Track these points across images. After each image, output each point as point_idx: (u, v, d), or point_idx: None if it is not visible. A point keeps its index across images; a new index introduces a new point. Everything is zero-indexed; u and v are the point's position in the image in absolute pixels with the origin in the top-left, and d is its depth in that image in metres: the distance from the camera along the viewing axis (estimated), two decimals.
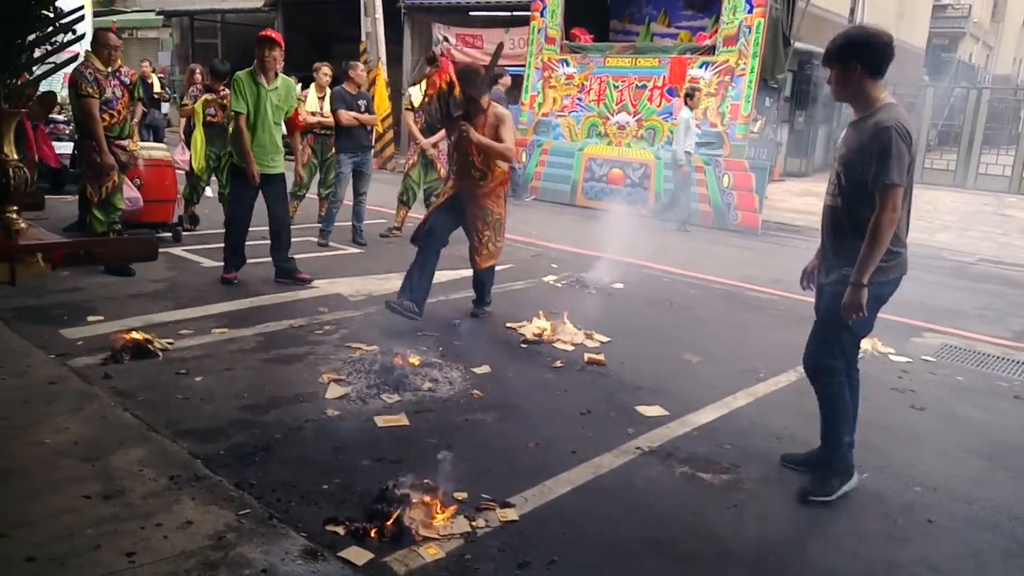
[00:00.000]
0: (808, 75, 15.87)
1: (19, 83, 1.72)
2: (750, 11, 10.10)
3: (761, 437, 3.55)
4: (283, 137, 5.77)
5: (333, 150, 7.36)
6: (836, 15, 16.31)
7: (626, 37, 13.75)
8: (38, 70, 1.80)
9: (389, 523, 2.59)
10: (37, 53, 1.72)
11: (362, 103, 7.25)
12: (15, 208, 1.68)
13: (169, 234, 6.87)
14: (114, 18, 20.87)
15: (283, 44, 5.50)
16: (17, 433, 3.05)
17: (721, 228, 9.92)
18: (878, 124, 2.78)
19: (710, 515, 2.85)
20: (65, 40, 1.75)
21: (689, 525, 2.78)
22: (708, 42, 10.68)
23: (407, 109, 7.67)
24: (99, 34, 5.60)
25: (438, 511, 2.70)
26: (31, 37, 1.67)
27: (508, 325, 4.98)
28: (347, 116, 7.06)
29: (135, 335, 4.07)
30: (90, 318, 4.55)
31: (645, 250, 7.44)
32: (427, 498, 2.73)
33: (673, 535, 2.71)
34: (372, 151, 7.57)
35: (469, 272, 6.46)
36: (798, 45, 13.22)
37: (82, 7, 1.96)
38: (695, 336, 5.12)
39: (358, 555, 2.45)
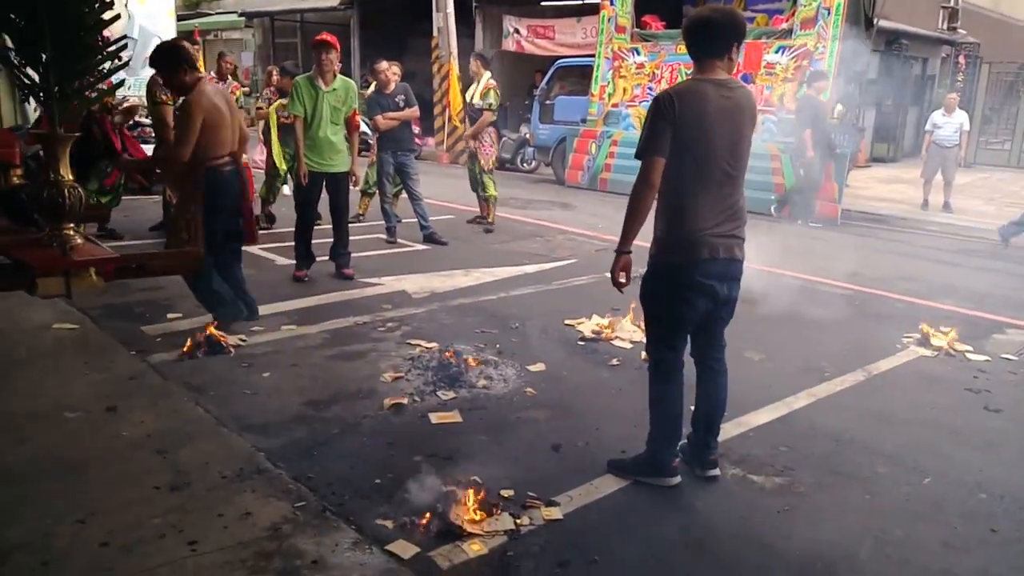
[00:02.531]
0: (896, 56, 15.15)
1: (73, 108, 1.85)
2: None
3: (819, 440, 3.46)
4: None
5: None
6: None
7: None
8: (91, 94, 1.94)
9: (435, 518, 2.67)
10: (88, 80, 1.85)
11: (399, 99, 7.25)
12: (71, 225, 1.82)
13: None
14: (198, 21, 21.81)
15: (339, 47, 5.67)
16: (97, 427, 3.28)
17: (797, 217, 9.62)
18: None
19: (759, 519, 2.81)
20: (112, 67, 1.88)
21: (736, 528, 2.75)
22: (784, 25, 10.35)
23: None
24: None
25: (484, 508, 2.76)
26: (81, 66, 1.80)
27: (566, 322, 5.00)
28: (383, 122, 7.15)
29: (210, 332, 4.29)
30: (169, 315, 4.83)
31: None
32: (474, 495, 2.80)
33: (719, 538, 2.70)
34: (415, 153, 7.61)
35: (531, 268, 6.55)
36: (884, 24, 12.63)
37: (126, 36, 2.10)
38: (759, 333, 5.01)
39: (404, 549, 2.54)
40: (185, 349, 4.16)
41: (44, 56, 1.69)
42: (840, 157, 9.61)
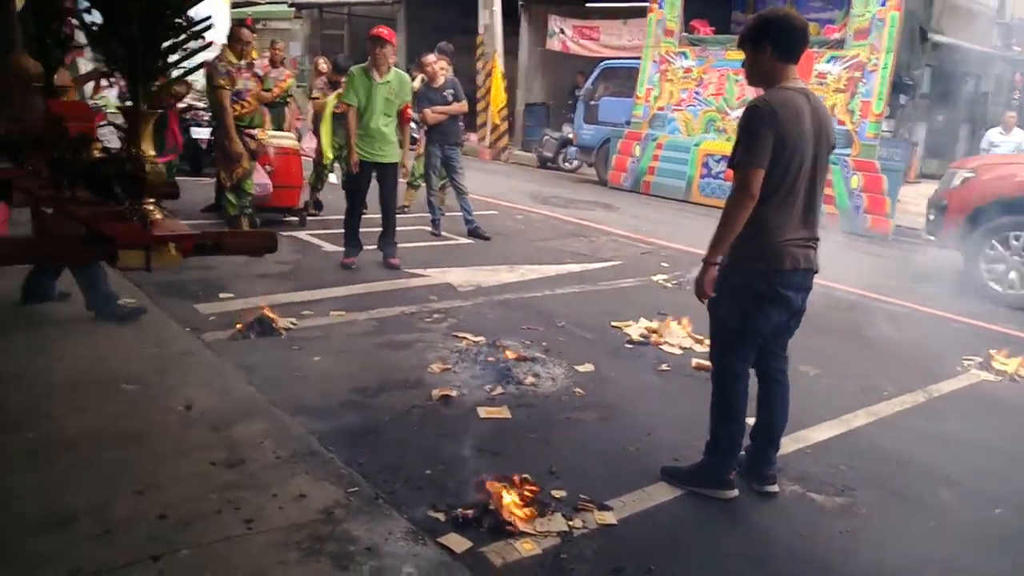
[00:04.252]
0: (949, 71, 14.83)
1: (157, 86, 1.85)
2: (883, 3, 9.53)
3: (880, 460, 3.37)
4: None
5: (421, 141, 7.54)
6: (982, 5, 15.14)
7: None
8: (173, 74, 1.95)
9: (487, 514, 2.64)
10: (172, 58, 1.85)
11: (448, 93, 7.27)
12: (152, 200, 1.82)
13: (295, 218, 7.22)
14: (249, 10, 22.09)
15: (394, 41, 5.69)
16: (153, 400, 3.30)
17: (848, 232, 9.44)
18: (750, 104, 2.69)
19: (819, 539, 2.74)
20: (196, 47, 1.88)
21: (795, 547, 2.68)
22: (837, 35, 10.16)
23: None
24: (233, 29, 5.95)
25: (537, 508, 2.72)
26: (167, 44, 1.80)
27: (613, 324, 4.94)
28: (431, 115, 7.19)
29: (263, 313, 4.30)
30: (221, 295, 4.86)
31: None
32: (527, 493, 2.76)
33: (777, 555, 2.63)
34: (460, 147, 7.62)
35: (576, 267, 6.50)
36: (937, 38, 12.37)
37: (210, 16, 2.11)
38: (814, 347, 4.88)
39: (457, 543, 2.51)
40: (238, 329, 4.18)
41: (131, 33, 1.69)
42: (892, 171, 9.42)
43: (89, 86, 5.42)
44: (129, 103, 1.83)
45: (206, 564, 2.24)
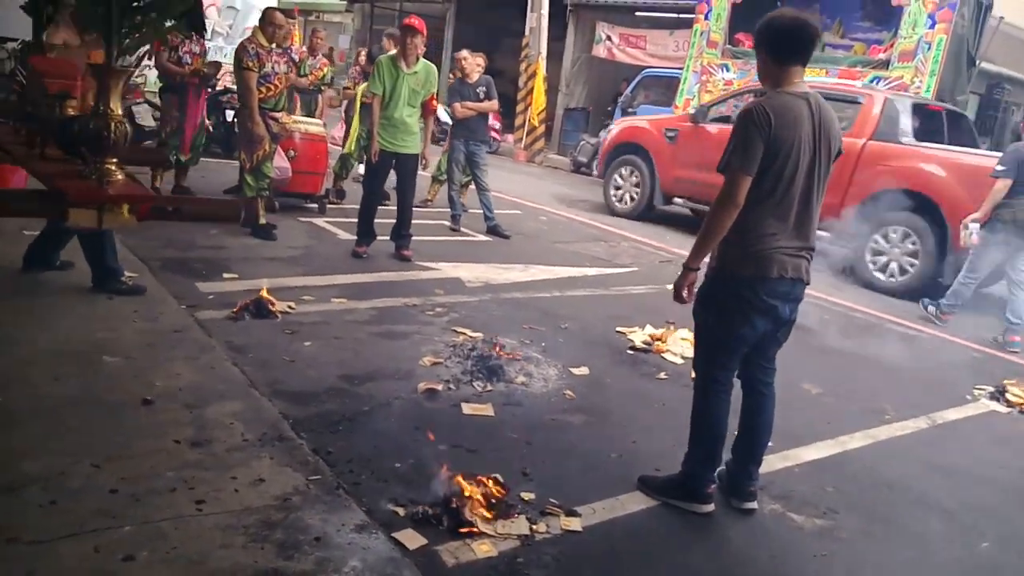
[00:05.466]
0: (996, 99, 14.33)
1: (127, 44, 1.83)
2: (932, 26, 9.26)
3: (871, 485, 3.21)
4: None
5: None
6: None
7: None
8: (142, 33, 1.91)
9: (448, 511, 2.57)
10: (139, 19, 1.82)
11: (480, 90, 7.27)
12: (114, 160, 1.79)
13: (315, 205, 7.24)
14: (304, 1, 22.44)
15: (424, 32, 5.65)
16: (136, 373, 3.29)
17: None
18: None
19: (793, 561, 2.61)
20: (183, 9, 1.86)
21: (767, 567, 2.56)
22: (882, 56, 9.90)
23: None
24: (267, 12, 5.97)
25: (500, 508, 2.64)
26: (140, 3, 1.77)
27: (618, 330, 4.83)
28: (461, 110, 7.20)
29: (260, 296, 4.29)
30: (225, 275, 4.87)
31: None
32: (492, 493, 2.68)
33: (744, 574, 2.50)
34: (487, 144, 7.58)
35: (591, 271, 6.39)
36: (985, 66, 11.95)
37: None
38: (820, 365, 4.73)
39: (411, 539, 2.44)
40: (235, 310, 4.17)
41: None
42: None
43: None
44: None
45: (144, 542, 2.20)
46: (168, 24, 1.95)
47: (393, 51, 5.95)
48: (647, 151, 9.19)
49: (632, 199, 9.39)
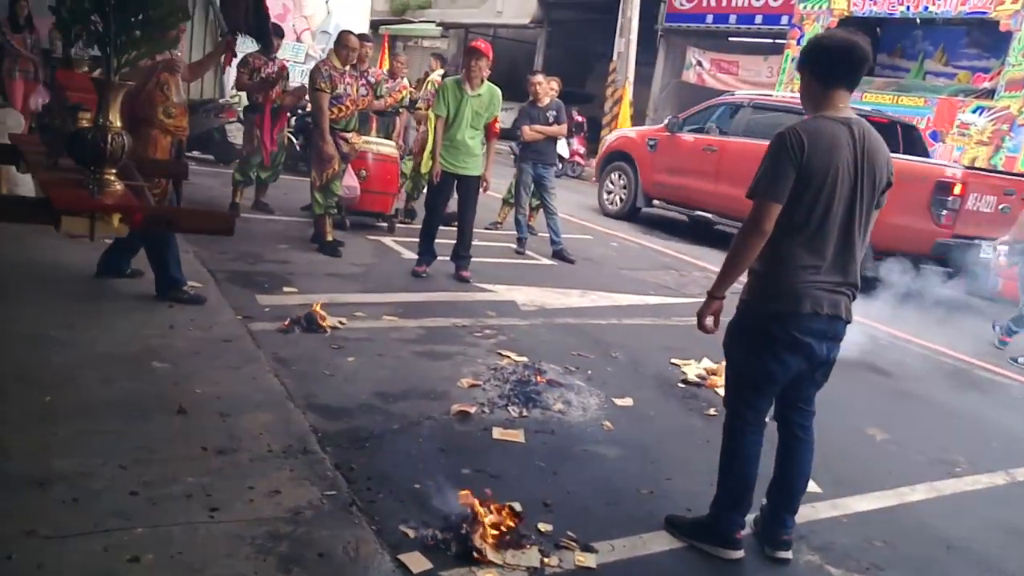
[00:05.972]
0: None
1: (126, 60, 1.89)
2: None
3: (926, 542, 2.95)
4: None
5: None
6: None
7: (893, 73, 12.45)
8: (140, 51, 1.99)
9: (457, 537, 2.51)
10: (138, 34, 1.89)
11: (551, 114, 7.32)
12: (112, 171, 1.85)
13: (385, 224, 7.38)
14: (400, 27, 23.19)
15: (490, 55, 5.69)
16: (180, 379, 3.41)
17: (974, 294, 8.54)
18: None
19: None
20: (174, 21, 1.91)
21: None
22: (987, 85, 9.35)
23: None
24: (341, 35, 6.17)
25: (512, 538, 2.56)
26: (140, 19, 1.83)
27: (672, 361, 4.67)
28: (529, 132, 7.24)
29: (312, 310, 4.38)
30: (286, 289, 5.00)
31: (867, 305, 6.60)
32: (507, 521, 2.61)
33: None
34: (555, 168, 7.61)
35: (654, 299, 6.23)
36: None
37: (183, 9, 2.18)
38: (890, 410, 4.43)
39: (416, 562, 2.40)
40: (285, 324, 4.28)
41: (107, 5, 1.74)
42: None
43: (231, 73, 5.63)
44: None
45: (152, 546, 2.24)
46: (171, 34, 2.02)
47: (439, 70, 6.02)
48: (632, 158, 10.19)
49: (621, 200, 10.38)
